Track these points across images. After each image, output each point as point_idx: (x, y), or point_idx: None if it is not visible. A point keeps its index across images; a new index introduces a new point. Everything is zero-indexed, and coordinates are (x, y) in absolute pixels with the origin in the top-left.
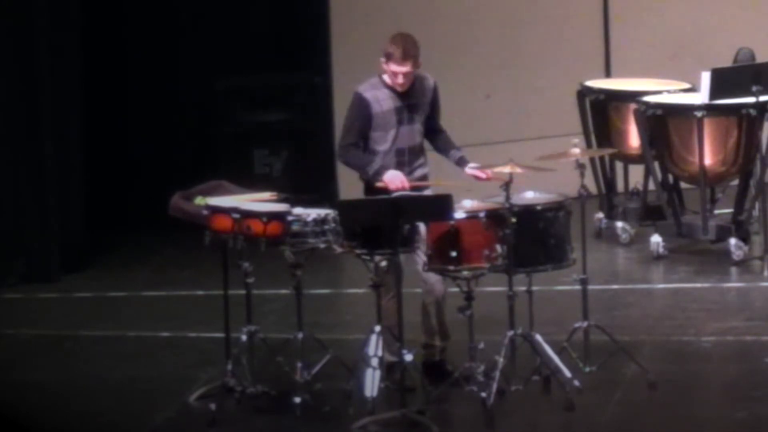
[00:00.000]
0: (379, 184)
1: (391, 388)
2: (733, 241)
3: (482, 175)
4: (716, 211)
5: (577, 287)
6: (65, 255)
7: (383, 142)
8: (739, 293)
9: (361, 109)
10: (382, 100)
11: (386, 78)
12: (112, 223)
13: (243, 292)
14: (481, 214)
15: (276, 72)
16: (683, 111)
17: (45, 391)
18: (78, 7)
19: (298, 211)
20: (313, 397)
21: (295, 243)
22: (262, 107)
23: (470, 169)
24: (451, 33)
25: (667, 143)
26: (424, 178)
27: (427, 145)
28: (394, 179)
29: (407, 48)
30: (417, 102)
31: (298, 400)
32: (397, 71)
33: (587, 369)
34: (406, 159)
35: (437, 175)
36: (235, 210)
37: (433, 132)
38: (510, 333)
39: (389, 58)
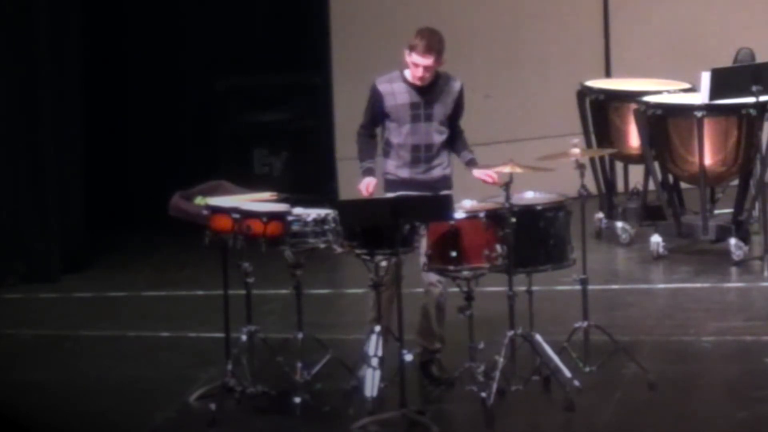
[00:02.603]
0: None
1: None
2: (733, 241)
3: (489, 179)
4: (716, 211)
5: (577, 287)
6: (65, 255)
7: (397, 135)
8: (739, 293)
9: (373, 99)
10: (397, 94)
11: (407, 73)
12: (112, 222)
13: (243, 292)
14: (481, 214)
15: (276, 72)
16: (683, 111)
17: (45, 391)
18: (78, 7)
19: (298, 211)
20: (313, 397)
21: (295, 243)
22: (262, 107)
23: (477, 173)
24: (451, 33)
25: (667, 143)
26: (443, 179)
27: None
28: (363, 187)
29: (431, 41)
30: (436, 101)
31: (298, 400)
32: (418, 63)
33: (587, 369)
34: (422, 156)
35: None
36: (235, 210)
37: (452, 132)
38: (510, 333)
39: (412, 49)
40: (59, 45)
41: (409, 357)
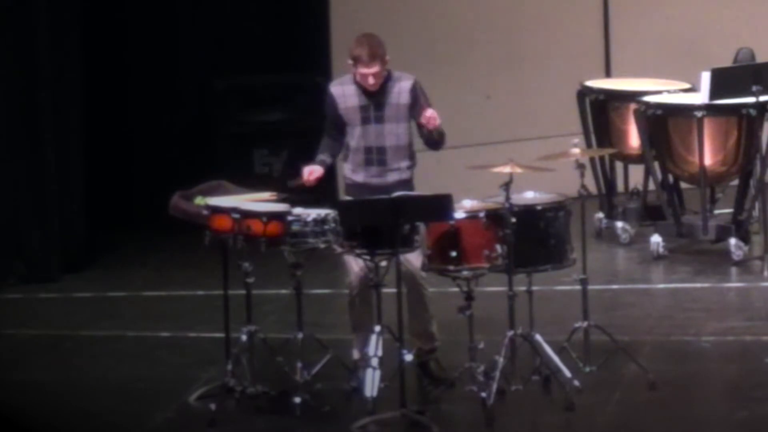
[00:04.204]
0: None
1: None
2: (733, 241)
3: (428, 119)
4: (716, 211)
5: (577, 287)
6: (65, 255)
7: (351, 138)
8: (739, 293)
9: (328, 103)
10: (347, 96)
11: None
12: (112, 223)
13: (243, 292)
14: (481, 214)
15: (276, 72)
16: (683, 111)
17: (45, 391)
18: (78, 8)
19: (298, 211)
20: (313, 397)
21: (295, 243)
22: (262, 107)
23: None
24: (452, 33)
25: (667, 143)
26: (399, 184)
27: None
28: (306, 171)
29: (373, 49)
30: (385, 102)
31: (298, 400)
32: (366, 73)
33: (587, 369)
34: (375, 159)
35: (427, 179)
36: (235, 210)
37: (421, 132)
38: (510, 333)
39: (357, 61)
40: (59, 45)
41: (409, 357)
